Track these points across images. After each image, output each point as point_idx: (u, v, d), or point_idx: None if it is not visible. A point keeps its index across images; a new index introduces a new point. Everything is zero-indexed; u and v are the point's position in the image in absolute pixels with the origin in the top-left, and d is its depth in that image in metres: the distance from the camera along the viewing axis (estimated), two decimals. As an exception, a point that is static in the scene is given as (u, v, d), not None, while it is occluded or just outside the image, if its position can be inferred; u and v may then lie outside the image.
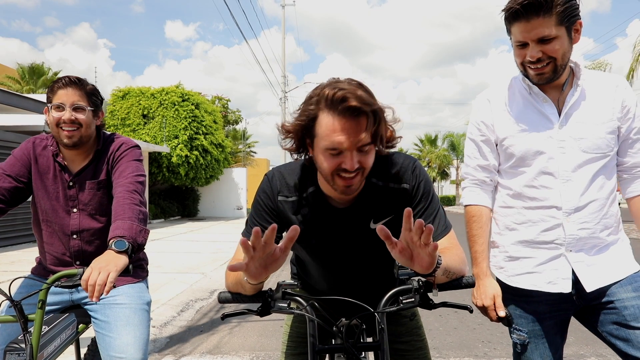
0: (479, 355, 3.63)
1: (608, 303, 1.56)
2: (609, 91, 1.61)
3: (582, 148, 1.57)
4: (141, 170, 1.96)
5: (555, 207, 1.59)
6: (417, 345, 1.62)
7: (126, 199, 1.78)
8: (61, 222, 1.95)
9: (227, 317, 1.28)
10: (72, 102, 1.87)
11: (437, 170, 40.69)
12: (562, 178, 1.59)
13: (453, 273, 1.28)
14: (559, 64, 1.53)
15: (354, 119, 1.19)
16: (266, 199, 1.43)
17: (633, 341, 1.50)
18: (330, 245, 1.45)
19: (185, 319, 4.82)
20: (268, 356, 3.71)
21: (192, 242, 11.37)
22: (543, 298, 1.63)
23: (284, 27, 28.77)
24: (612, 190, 1.62)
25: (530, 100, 1.65)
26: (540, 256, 1.63)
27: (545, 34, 1.47)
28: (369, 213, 1.41)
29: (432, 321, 4.54)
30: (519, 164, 1.66)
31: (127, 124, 18.02)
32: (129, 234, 1.64)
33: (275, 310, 1.25)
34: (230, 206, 22.02)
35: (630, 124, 1.61)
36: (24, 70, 23.82)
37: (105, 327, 1.85)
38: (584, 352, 3.55)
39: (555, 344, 1.67)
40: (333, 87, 1.20)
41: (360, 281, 1.52)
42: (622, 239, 1.66)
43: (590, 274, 1.58)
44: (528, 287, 1.64)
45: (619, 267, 1.60)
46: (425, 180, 1.40)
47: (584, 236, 1.58)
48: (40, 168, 1.95)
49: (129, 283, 1.96)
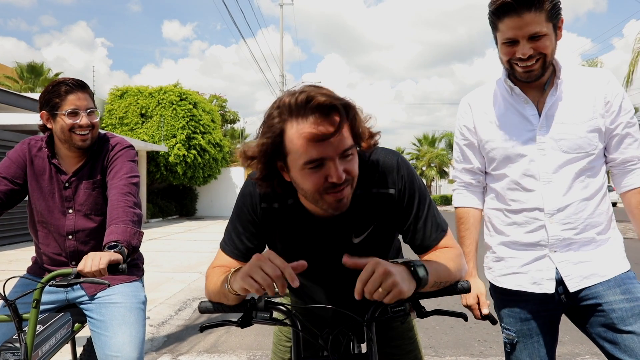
0: (474, 354, 3.66)
1: (596, 305, 1.55)
2: (590, 88, 1.58)
3: (563, 149, 1.56)
4: (135, 170, 1.97)
5: (538, 208, 1.59)
6: (408, 348, 1.59)
7: (120, 202, 1.80)
8: (57, 222, 1.95)
9: (206, 329, 1.17)
10: (86, 106, 1.89)
11: (436, 169, 40.79)
12: (543, 180, 1.58)
13: (444, 282, 1.18)
14: (548, 60, 1.51)
15: (326, 119, 1.03)
16: (249, 204, 1.28)
17: (620, 344, 1.50)
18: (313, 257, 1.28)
19: (182, 317, 4.83)
20: (265, 355, 3.72)
21: (189, 242, 11.37)
22: (530, 297, 1.63)
23: (282, 26, 28.75)
24: (599, 188, 1.60)
25: (511, 102, 1.64)
26: (525, 257, 1.63)
27: (537, 31, 1.45)
28: (350, 225, 1.27)
29: (429, 320, 4.54)
30: (500, 167, 1.66)
31: (125, 123, 18.00)
32: (123, 237, 1.68)
33: (257, 321, 1.16)
34: (228, 205, 21.99)
35: (614, 118, 1.57)
36: (22, 68, 23.74)
37: (100, 326, 1.86)
38: (579, 351, 3.59)
39: (546, 343, 1.66)
40: (292, 94, 1.07)
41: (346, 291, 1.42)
42: (614, 237, 1.64)
43: (575, 273, 1.57)
44: (513, 287, 1.65)
45: (608, 266, 1.58)
46: (412, 179, 1.25)
47: (569, 236, 1.57)
48: (35, 169, 1.95)
49: (125, 282, 1.96)
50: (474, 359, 3.58)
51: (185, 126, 17.99)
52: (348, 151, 1.08)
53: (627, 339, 1.49)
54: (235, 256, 1.30)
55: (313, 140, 1.03)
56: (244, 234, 1.30)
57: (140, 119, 18.12)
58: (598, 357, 3.51)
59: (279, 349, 1.66)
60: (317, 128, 1.03)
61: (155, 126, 17.89)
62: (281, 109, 1.07)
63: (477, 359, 3.58)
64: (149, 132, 17.84)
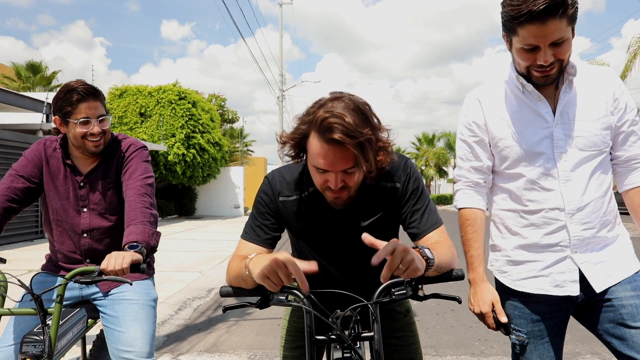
0: (475, 353, 3.65)
1: (606, 301, 1.54)
2: (601, 85, 1.57)
3: (579, 146, 1.53)
4: (150, 171, 2.02)
5: (558, 208, 1.55)
6: (410, 340, 1.67)
7: (137, 203, 1.86)
8: (72, 221, 2.00)
9: (228, 310, 1.33)
10: (98, 115, 1.93)
11: (434, 168, 40.82)
12: (562, 178, 1.54)
13: (444, 268, 1.33)
14: (565, 64, 1.48)
15: (337, 149, 1.23)
16: (267, 200, 1.49)
17: (628, 340, 1.49)
18: (325, 242, 1.52)
19: (182, 317, 4.82)
20: (266, 354, 3.72)
21: (189, 241, 11.37)
22: (544, 298, 1.60)
23: (281, 26, 28.72)
24: (609, 186, 1.59)
25: (523, 100, 1.59)
26: (545, 259, 1.58)
27: (560, 37, 1.39)
28: (360, 212, 1.47)
29: (429, 319, 4.53)
30: (514, 165, 1.61)
31: (125, 123, 17.99)
32: (142, 238, 1.74)
33: (274, 303, 1.30)
34: (227, 205, 22.00)
35: (621, 115, 1.57)
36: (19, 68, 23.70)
37: (114, 322, 1.91)
38: (579, 350, 3.60)
39: (555, 344, 1.64)
40: (326, 111, 1.22)
41: (354, 275, 1.56)
42: (622, 234, 1.63)
43: (597, 273, 1.54)
44: (534, 291, 1.59)
45: (623, 264, 1.57)
46: (416, 177, 1.47)
47: (588, 236, 1.55)
48: (51, 169, 2.01)
49: (137, 280, 2.01)
50: (474, 358, 3.57)
51: (184, 125, 17.98)
52: (348, 170, 1.27)
53: (636, 335, 1.48)
54: (256, 242, 1.48)
55: (321, 157, 1.26)
56: (263, 225, 1.49)
57: (140, 118, 18.10)
58: (599, 356, 3.52)
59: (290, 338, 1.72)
60: (326, 152, 1.24)
61: (154, 125, 17.88)
62: (312, 118, 1.26)
63: (478, 358, 3.57)
64: (148, 131, 17.82)
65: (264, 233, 1.48)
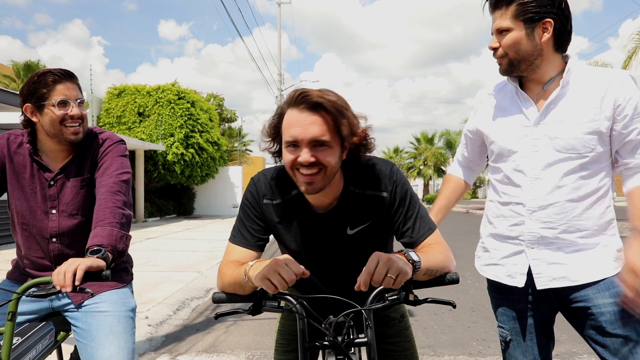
0: (473, 353, 3.67)
1: (586, 308, 1.55)
2: (599, 89, 1.53)
3: (556, 147, 1.55)
4: (126, 167, 1.84)
5: (522, 204, 1.62)
6: (405, 345, 1.66)
7: (108, 202, 1.68)
8: (39, 224, 1.82)
9: (221, 317, 1.32)
10: (75, 97, 1.77)
11: (433, 167, 40.83)
12: (531, 176, 1.59)
13: (436, 271, 1.32)
14: (512, 57, 1.57)
15: (311, 113, 1.24)
16: (254, 202, 1.47)
17: (610, 347, 1.51)
18: (310, 249, 1.49)
19: (181, 317, 4.83)
20: (264, 355, 3.72)
21: (187, 241, 11.36)
22: (521, 296, 1.66)
23: (279, 25, 28.74)
24: (593, 192, 1.55)
25: (515, 99, 1.67)
26: (505, 249, 1.68)
27: (500, 26, 1.57)
28: (346, 220, 1.44)
29: (427, 319, 4.53)
30: (498, 160, 1.71)
31: (123, 122, 17.96)
32: (108, 241, 1.57)
33: (266, 309, 1.29)
34: (226, 204, 21.98)
35: (627, 122, 1.52)
36: (18, 67, 23.64)
37: (86, 336, 1.73)
38: (576, 350, 3.58)
39: (540, 342, 1.67)
40: (300, 88, 1.29)
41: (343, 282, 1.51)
42: (606, 244, 1.58)
43: (546, 272, 1.58)
44: (491, 277, 1.73)
45: (583, 271, 1.55)
46: (403, 183, 1.43)
47: (547, 235, 1.57)
48: (15, 167, 1.81)
49: (113, 288, 1.84)
50: (472, 358, 3.59)
51: (183, 125, 17.96)
52: (320, 142, 1.25)
53: (617, 342, 1.50)
54: (246, 245, 1.46)
55: (293, 125, 1.25)
56: (250, 227, 1.47)
57: (138, 117, 18.07)
58: (596, 357, 3.52)
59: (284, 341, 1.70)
60: (299, 117, 1.25)
61: (153, 125, 17.85)
62: (287, 97, 1.30)
63: (476, 358, 3.59)
64: (146, 130, 17.79)
65: (252, 236, 1.46)
